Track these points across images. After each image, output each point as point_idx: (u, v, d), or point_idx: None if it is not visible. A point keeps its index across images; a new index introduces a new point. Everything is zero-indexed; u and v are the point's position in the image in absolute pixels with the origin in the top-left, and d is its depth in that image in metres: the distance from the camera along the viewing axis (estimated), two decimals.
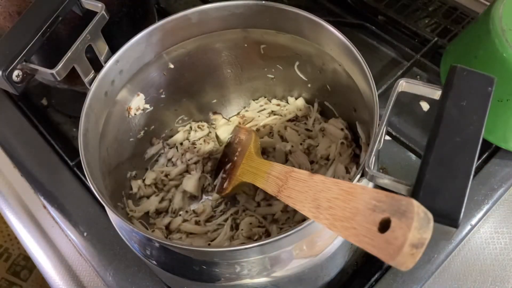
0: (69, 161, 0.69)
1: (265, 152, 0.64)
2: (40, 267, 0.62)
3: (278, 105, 0.67)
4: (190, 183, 0.62)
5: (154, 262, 0.44)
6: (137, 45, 0.52)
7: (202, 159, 0.65)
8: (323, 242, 0.42)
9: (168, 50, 0.56)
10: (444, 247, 0.56)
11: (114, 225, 0.47)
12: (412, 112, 0.70)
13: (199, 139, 0.66)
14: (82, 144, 0.45)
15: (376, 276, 0.55)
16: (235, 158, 0.59)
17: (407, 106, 0.70)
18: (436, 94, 0.40)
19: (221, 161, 0.62)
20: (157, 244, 0.42)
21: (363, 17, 0.81)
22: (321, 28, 0.50)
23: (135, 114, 0.58)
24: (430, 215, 0.28)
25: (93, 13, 0.49)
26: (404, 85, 0.41)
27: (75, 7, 0.50)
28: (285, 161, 0.62)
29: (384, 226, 0.29)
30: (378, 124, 0.41)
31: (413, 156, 0.65)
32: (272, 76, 0.64)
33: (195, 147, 0.65)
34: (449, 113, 0.37)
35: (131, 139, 0.59)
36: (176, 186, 0.63)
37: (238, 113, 0.68)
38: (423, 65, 0.73)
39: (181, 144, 0.66)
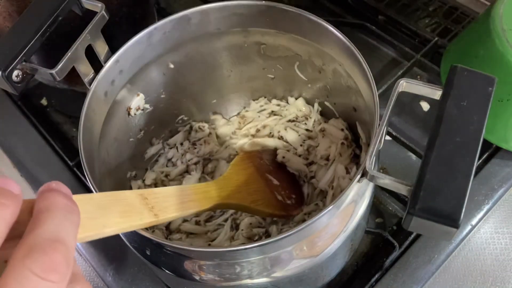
0: (69, 161, 0.69)
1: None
2: None
3: (278, 105, 0.66)
4: (190, 184, 0.62)
5: (154, 262, 0.44)
6: (137, 45, 0.52)
7: (202, 160, 0.65)
8: (323, 242, 0.42)
9: (168, 50, 0.56)
10: (445, 247, 0.56)
11: None
12: (412, 112, 0.70)
13: (199, 139, 0.66)
14: (82, 144, 0.45)
15: (376, 276, 0.55)
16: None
17: (407, 106, 0.70)
18: (437, 94, 0.40)
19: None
20: (157, 245, 0.42)
21: (363, 17, 0.81)
22: (321, 28, 0.50)
23: (135, 114, 0.57)
24: None
25: (93, 13, 0.49)
26: (404, 85, 0.41)
27: (75, 7, 0.50)
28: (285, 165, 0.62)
29: None
30: (379, 124, 0.41)
31: (413, 156, 0.65)
32: (272, 76, 0.64)
33: (195, 148, 0.65)
34: (450, 113, 0.37)
35: (131, 139, 0.59)
36: None
37: (238, 113, 0.68)
38: (423, 65, 0.73)
39: (181, 144, 0.66)
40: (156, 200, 0.38)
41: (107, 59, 0.50)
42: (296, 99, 0.65)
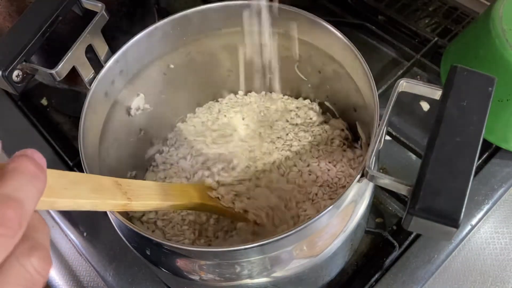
0: (69, 161, 0.69)
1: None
2: None
3: None
4: None
5: (154, 262, 0.44)
6: (137, 45, 0.52)
7: None
8: (323, 242, 0.42)
9: (168, 50, 0.56)
10: (444, 247, 0.56)
11: (114, 225, 0.47)
12: (412, 112, 0.70)
13: None
14: (82, 144, 0.45)
15: (376, 276, 0.55)
16: None
17: (407, 106, 0.70)
18: (437, 94, 0.40)
19: None
20: (157, 245, 0.42)
21: (363, 17, 0.81)
22: (321, 28, 0.50)
23: (135, 114, 0.57)
24: None
25: (93, 13, 0.49)
26: (404, 85, 0.41)
27: (75, 7, 0.50)
28: None
29: None
30: (379, 124, 0.41)
31: (413, 156, 0.65)
32: None
33: None
34: (450, 113, 0.37)
35: (131, 139, 0.59)
36: None
37: None
38: (423, 65, 0.73)
39: None
40: (130, 188, 0.40)
41: (107, 59, 0.50)
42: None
